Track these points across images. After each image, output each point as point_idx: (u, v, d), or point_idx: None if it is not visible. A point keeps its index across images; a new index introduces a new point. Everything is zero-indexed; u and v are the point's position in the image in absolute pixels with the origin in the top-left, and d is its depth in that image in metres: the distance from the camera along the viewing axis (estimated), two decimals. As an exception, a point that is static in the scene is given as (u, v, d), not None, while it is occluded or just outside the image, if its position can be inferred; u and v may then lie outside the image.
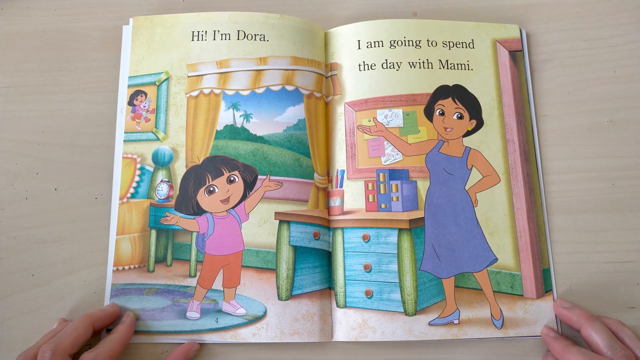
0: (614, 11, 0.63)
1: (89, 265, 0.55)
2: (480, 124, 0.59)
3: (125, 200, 0.56)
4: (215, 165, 0.57)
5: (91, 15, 0.63)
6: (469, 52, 0.61)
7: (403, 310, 0.53)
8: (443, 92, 0.59)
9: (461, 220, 0.56)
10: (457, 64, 0.60)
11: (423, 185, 0.57)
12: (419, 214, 0.56)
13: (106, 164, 0.58)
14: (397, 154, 0.58)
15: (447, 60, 0.60)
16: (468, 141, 0.58)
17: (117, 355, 0.48)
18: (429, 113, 0.59)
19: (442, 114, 0.59)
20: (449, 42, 0.61)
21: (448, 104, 0.59)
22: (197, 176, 0.56)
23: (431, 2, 0.64)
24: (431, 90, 0.59)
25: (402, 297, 0.54)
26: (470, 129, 0.59)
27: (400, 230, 0.55)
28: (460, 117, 0.59)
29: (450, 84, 0.60)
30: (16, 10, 0.63)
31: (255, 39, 0.59)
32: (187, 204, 0.56)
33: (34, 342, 0.47)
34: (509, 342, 0.54)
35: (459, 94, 0.60)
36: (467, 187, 0.57)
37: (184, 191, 0.56)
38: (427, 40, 0.61)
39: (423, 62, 0.60)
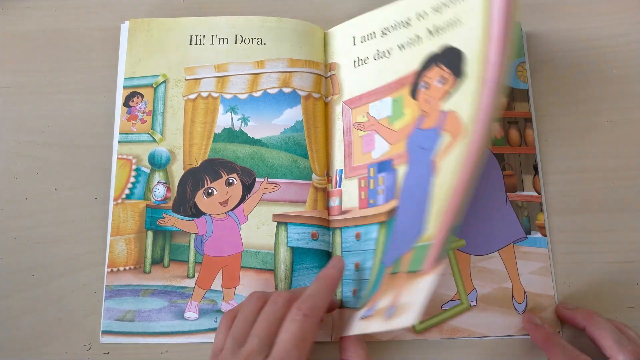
0: (614, 11, 0.63)
1: (88, 265, 0.55)
2: (461, 78, 0.51)
3: (120, 201, 0.56)
4: (213, 167, 0.57)
5: (91, 15, 0.63)
6: (459, 7, 0.53)
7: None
8: (430, 61, 0.55)
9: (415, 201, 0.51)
10: (446, 24, 0.53)
11: (403, 172, 0.54)
12: (393, 203, 0.53)
13: (106, 164, 0.58)
14: (385, 145, 0.56)
15: (434, 26, 0.54)
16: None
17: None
18: (414, 91, 0.56)
19: (427, 86, 0.55)
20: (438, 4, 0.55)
21: (433, 73, 0.54)
22: (195, 178, 0.57)
23: (431, 2, 0.64)
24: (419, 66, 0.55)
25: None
26: (449, 89, 0.52)
27: (380, 224, 0.54)
28: (444, 82, 0.53)
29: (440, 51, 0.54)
30: (16, 10, 0.63)
31: (252, 43, 0.59)
32: (186, 205, 0.56)
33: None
34: (509, 342, 0.54)
35: (447, 58, 0.53)
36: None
37: (181, 193, 0.56)
38: (417, 14, 0.56)
39: (412, 40, 0.56)
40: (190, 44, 0.60)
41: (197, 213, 0.56)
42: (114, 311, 0.53)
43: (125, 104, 0.59)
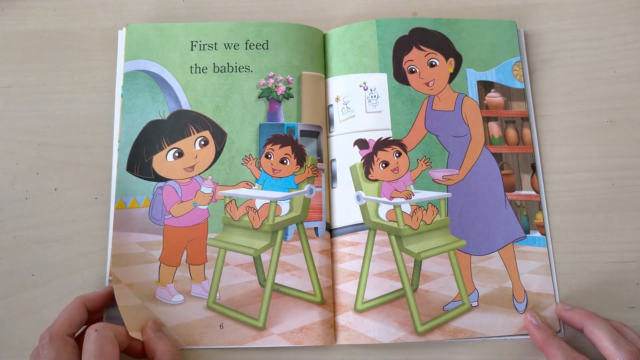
0: (613, 11, 0.63)
1: (89, 265, 0.55)
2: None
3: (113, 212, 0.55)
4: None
5: (91, 15, 0.63)
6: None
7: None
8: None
9: None
10: None
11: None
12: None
13: (106, 163, 0.58)
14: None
15: None
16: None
17: (124, 331, 0.48)
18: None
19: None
20: None
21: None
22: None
23: (431, 2, 0.64)
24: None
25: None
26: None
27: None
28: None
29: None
30: (16, 10, 0.63)
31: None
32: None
33: (34, 343, 0.46)
34: (510, 342, 0.54)
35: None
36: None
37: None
38: None
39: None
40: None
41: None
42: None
43: None
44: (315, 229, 0.55)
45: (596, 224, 0.57)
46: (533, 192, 0.58)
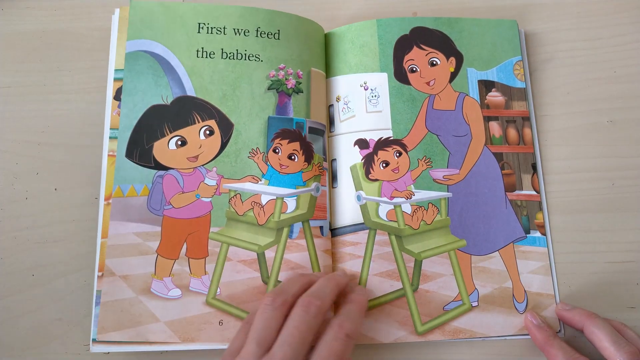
0: (613, 11, 0.63)
1: (88, 265, 0.55)
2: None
3: (110, 201, 0.53)
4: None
5: (91, 15, 0.63)
6: None
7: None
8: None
9: None
10: None
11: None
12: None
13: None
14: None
15: None
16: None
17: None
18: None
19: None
20: None
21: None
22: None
23: (431, 2, 0.64)
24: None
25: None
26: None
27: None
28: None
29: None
30: (16, 10, 0.63)
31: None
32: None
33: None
34: (510, 342, 0.54)
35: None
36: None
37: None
38: None
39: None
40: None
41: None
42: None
43: (117, 97, 0.56)
44: (321, 227, 0.55)
45: (596, 224, 0.57)
46: (533, 192, 0.58)
